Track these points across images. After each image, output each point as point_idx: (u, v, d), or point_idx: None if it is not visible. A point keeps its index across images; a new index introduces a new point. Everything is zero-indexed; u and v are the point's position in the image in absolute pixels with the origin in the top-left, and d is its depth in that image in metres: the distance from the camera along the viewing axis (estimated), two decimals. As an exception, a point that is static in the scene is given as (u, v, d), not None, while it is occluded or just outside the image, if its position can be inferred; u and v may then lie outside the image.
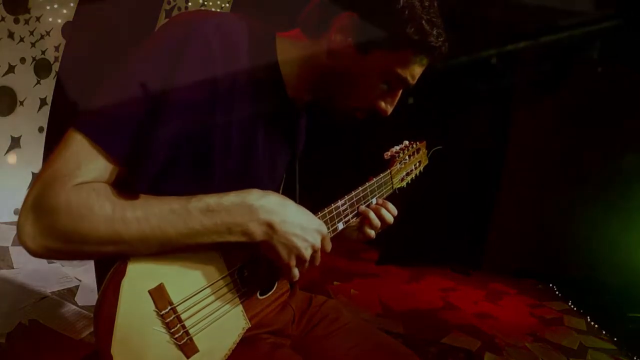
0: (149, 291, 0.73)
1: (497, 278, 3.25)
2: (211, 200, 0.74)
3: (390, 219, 1.04)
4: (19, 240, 0.68)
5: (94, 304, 0.72)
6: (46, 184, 0.67)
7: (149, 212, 0.70)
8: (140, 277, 0.72)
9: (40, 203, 0.67)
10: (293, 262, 0.81)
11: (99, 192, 0.68)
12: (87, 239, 0.68)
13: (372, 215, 1.01)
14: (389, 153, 1.12)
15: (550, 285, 3.22)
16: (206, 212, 0.73)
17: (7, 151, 2.59)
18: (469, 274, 3.31)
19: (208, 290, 0.80)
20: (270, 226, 0.77)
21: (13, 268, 2.05)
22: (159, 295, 0.73)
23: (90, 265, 1.60)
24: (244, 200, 0.76)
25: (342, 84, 0.85)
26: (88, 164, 0.69)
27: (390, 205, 1.06)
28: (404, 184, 1.15)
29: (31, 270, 2.04)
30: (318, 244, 0.83)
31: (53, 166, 0.68)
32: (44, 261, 2.07)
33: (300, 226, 0.80)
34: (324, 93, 0.87)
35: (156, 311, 0.73)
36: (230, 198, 0.76)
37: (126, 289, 0.70)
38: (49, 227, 0.67)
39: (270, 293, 0.94)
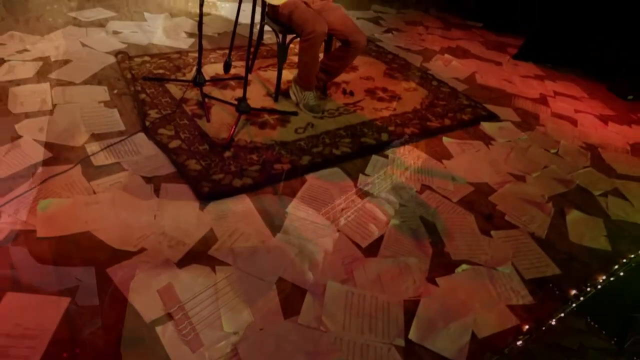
0: (158, 291, 0.73)
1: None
2: None
3: None
4: None
5: (94, 303, 0.72)
6: None
7: None
8: (148, 277, 0.72)
9: None
10: None
11: None
12: None
13: None
14: None
15: (550, 285, 3.21)
16: None
17: (7, 151, 2.59)
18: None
19: (213, 289, 0.80)
20: None
21: (13, 268, 2.04)
22: (168, 294, 0.74)
23: (90, 264, 1.60)
24: None
25: None
26: None
27: None
28: None
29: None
30: None
31: None
32: (45, 261, 2.06)
33: None
34: None
35: (164, 309, 0.73)
36: None
37: (135, 292, 0.71)
38: None
39: None
